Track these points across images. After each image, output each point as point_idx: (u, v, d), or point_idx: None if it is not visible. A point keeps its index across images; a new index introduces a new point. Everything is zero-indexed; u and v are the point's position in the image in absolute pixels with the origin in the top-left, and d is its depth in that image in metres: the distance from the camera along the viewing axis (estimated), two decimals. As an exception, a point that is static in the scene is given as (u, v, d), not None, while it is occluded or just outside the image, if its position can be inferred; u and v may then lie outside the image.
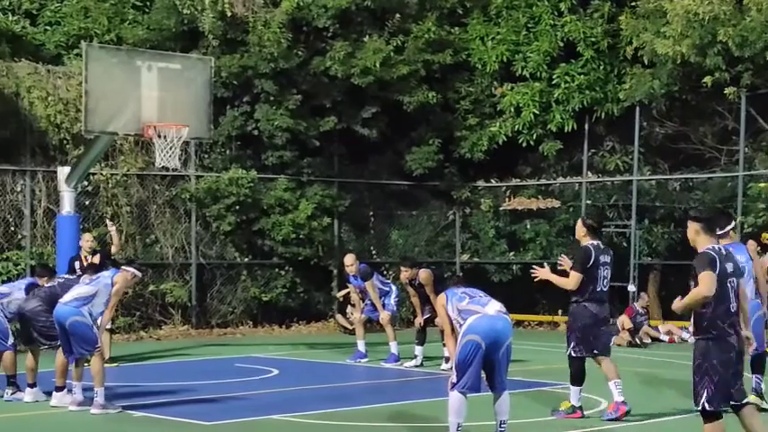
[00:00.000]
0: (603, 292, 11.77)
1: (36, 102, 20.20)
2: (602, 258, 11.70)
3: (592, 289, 11.61)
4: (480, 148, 24.34)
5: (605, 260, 11.73)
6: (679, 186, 23.33)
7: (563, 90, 23.15)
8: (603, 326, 11.96)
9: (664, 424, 11.73)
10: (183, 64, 17.64)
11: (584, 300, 11.67)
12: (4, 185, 20.01)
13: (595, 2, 23.55)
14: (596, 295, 11.69)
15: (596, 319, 11.68)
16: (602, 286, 11.71)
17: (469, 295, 10.13)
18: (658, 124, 23.06)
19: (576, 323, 11.74)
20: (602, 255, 11.71)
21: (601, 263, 11.66)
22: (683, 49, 20.61)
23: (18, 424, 11.67)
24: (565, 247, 24.05)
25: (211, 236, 22.40)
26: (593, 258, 11.61)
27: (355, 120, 23.34)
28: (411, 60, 23.28)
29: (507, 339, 9.82)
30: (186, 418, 11.66)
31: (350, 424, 11.48)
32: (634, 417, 11.75)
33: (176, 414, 11.90)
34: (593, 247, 11.69)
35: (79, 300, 11.99)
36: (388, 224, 25.18)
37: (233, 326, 22.49)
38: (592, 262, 11.60)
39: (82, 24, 22.62)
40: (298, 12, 22.44)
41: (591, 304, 11.65)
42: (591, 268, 11.60)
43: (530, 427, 11.39)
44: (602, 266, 11.67)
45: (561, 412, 11.90)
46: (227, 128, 22.19)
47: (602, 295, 11.77)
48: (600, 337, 11.80)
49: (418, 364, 16.63)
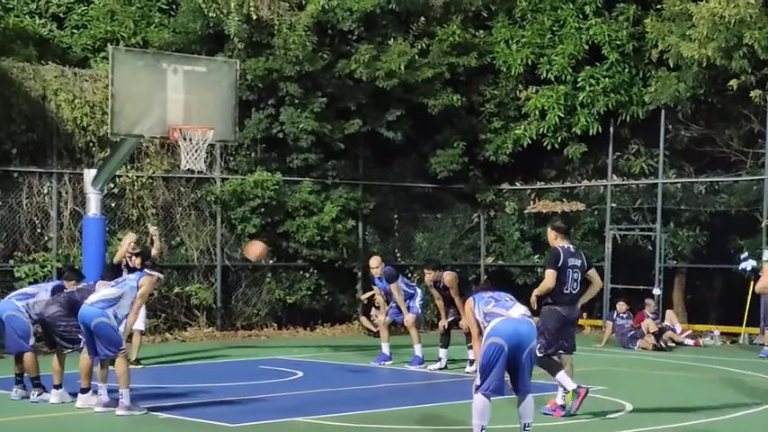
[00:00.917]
0: (573, 294, 12.10)
1: (63, 104, 20.31)
2: (572, 261, 12.05)
3: (561, 291, 11.88)
4: (505, 151, 24.32)
5: (575, 263, 12.08)
6: (704, 189, 23.23)
7: (588, 93, 23.09)
8: (572, 327, 12.44)
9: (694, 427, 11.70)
10: (208, 67, 17.69)
11: (554, 302, 11.99)
12: (30, 187, 20.13)
13: (621, 5, 23.48)
14: (566, 297, 12.01)
15: (566, 320, 12.11)
16: (571, 288, 12.04)
17: (495, 299, 10.17)
18: (684, 127, 22.96)
19: (545, 325, 12.00)
20: (571, 258, 12.07)
21: (570, 265, 12.01)
22: (709, 52, 20.53)
23: (44, 425, 11.74)
24: (590, 250, 24.01)
25: (236, 238, 22.46)
26: (563, 260, 11.97)
27: (380, 122, 23.36)
28: (436, 63, 23.27)
29: (531, 342, 9.82)
30: (211, 419, 11.70)
31: (374, 426, 11.49)
32: (663, 419, 11.71)
33: (201, 416, 11.94)
34: (563, 250, 12.09)
35: (105, 301, 12.06)
36: (412, 227, 25.19)
37: (258, 328, 22.54)
38: (561, 263, 11.93)
39: (108, 27, 22.74)
40: (323, 15, 22.48)
41: (561, 307, 12.00)
42: (560, 270, 11.92)
43: (553, 430, 11.37)
44: (570, 269, 12.02)
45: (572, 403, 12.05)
46: (252, 130, 22.26)
47: (571, 297, 12.09)
48: (569, 337, 12.24)
49: (442, 367, 16.63)
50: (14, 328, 12.96)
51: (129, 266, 16.31)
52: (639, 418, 12.00)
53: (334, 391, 14.32)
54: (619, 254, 23.38)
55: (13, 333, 12.97)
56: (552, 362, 12.13)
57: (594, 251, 23.92)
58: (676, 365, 17.64)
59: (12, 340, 13.01)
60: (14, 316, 12.97)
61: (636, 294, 21.91)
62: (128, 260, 16.64)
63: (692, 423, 11.77)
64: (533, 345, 9.87)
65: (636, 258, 23.27)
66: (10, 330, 12.99)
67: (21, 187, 20.01)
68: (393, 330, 18.45)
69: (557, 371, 12.04)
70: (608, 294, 23.07)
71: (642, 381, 15.66)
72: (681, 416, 12.14)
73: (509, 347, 9.64)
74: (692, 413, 12.33)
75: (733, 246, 22.10)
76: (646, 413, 12.34)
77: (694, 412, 12.38)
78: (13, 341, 13.00)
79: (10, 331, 12.99)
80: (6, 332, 13.05)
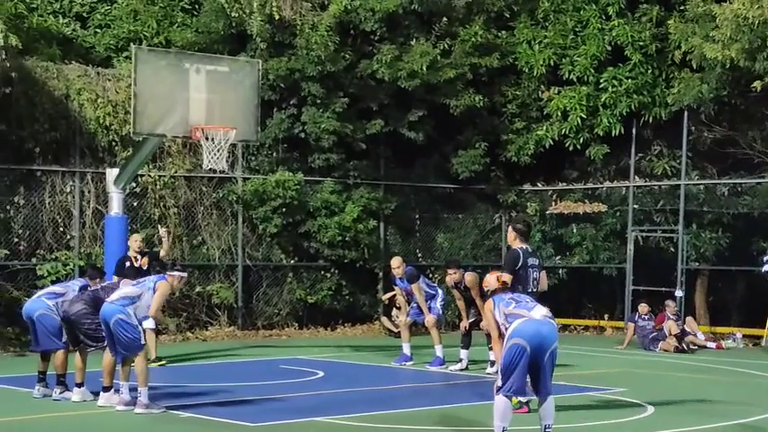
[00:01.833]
0: (535, 292, 12.28)
1: (85, 104, 20.39)
2: (531, 261, 12.38)
3: (522, 290, 11.95)
4: (527, 152, 24.29)
5: (533, 263, 12.41)
6: (727, 191, 23.14)
7: (610, 94, 23.03)
8: None
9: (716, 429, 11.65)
10: (230, 67, 17.72)
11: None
12: (53, 186, 20.22)
13: (644, 6, 23.41)
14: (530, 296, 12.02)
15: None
16: (532, 287, 12.29)
17: (516, 300, 10.18)
18: (706, 128, 22.86)
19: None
20: (530, 258, 12.40)
21: (529, 265, 12.32)
22: (732, 53, 20.44)
23: (65, 423, 11.79)
24: (612, 252, 23.96)
25: (258, 238, 22.50)
26: (522, 260, 12.25)
27: (402, 123, 23.36)
28: (458, 64, 23.25)
29: (553, 344, 9.79)
30: (231, 419, 11.72)
31: (395, 427, 11.48)
32: (685, 422, 11.67)
33: (222, 415, 11.97)
34: (522, 251, 12.36)
35: (125, 299, 12.10)
36: (433, 227, 25.18)
37: (278, 327, 22.57)
38: (521, 264, 12.22)
39: (131, 27, 22.82)
40: (345, 15, 22.50)
41: None
42: (521, 270, 12.21)
43: (573, 431, 11.37)
44: (530, 268, 12.33)
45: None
46: (274, 130, 22.29)
47: (532, 296, 12.00)
48: None
49: (463, 368, 16.62)
50: (46, 326, 13.01)
51: (133, 266, 16.30)
52: (661, 420, 11.96)
53: (355, 392, 14.32)
54: (641, 255, 23.30)
55: (45, 332, 13.02)
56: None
57: (616, 252, 23.88)
58: (698, 368, 17.57)
59: (44, 338, 13.05)
60: (45, 314, 13.02)
61: (658, 296, 21.82)
62: (133, 260, 16.65)
63: (714, 426, 11.72)
64: (555, 346, 9.84)
65: (658, 260, 23.19)
66: (41, 329, 13.03)
67: (44, 186, 20.10)
68: (414, 331, 18.45)
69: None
70: (630, 296, 23.00)
71: (664, 383, 15.60)
72: (703, 418, 12.09)
73: (531, 349, 9.63)
74: (714, 416, 12.27)
75: (756, 248, 22.00)
76: (667, 415, 12.29)
77: (716, 415, 12.32)
78: (45, 339, 13.04)
79: (41, 330, 13.03)
80: (38, 331, 13.09)
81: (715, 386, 15.30)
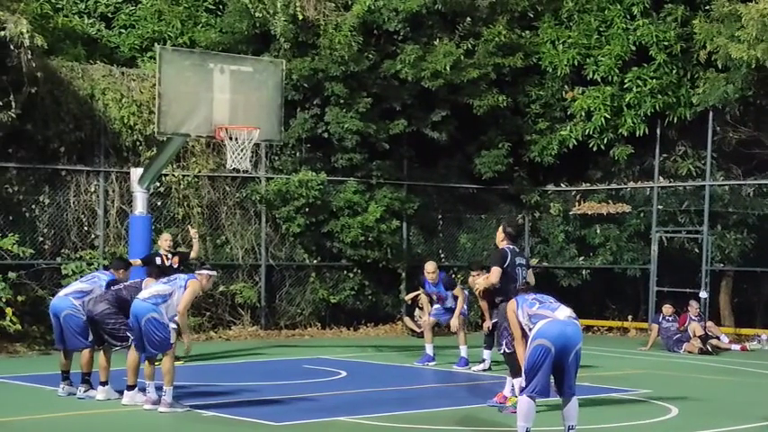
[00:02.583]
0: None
1: (110, 103, 20.48)
2: (518, 260, 12.78)
3: (512, 288, 12.16)
4: (550, 152, 24.23)
5: (521, 262, 12.84)
6: (752, 192, 23.03)
7: (635, 94, 22.95)
8: None
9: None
10: (254, 67, 17.75)
11: (508, 299, 12.15)
12: (78, 186, 20.30)
13: (668, 5, 23.32)
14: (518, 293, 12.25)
15: None
16: (520, 284, 12.34)
17: (539, 301, 10.17)
18: (732, 129, 22.75)
19: (505, 321, 12.17)
20: (517, 257, 12.81)
21: (517, 264, 12.72)
22: (758, 53, 20.32)
23: (89, 422, 11.82)
24: (636, 252, 23.87)
25: (281, 237, 22.54)
26: (510, 259, 12.65)
27: (425, 123, 23.35)
28: (481, 64, 23.22)
29: (577, 345, 9.77)
30: (255, 418, 11.74)
31: (417, 427, 11.48)
32: (710, 424, 11.61)
33: (245, 414, 11.99)
34: (509, 250, 12.78)
35: (157, 297, 12.11)
36: (456, 227, 25.15)
37: (301, 327, 22.59)
38: (508, 262, 12.62)
39: (155, 27, 22.91)
40: (369, 15, 22.50)
41: None
42: (509, 268, 12.59)
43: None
44: (518, 267, 12.73)
45: (509, 407, 12.14)
46: (297, 130, 22.31)
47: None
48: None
49: (486, 368, 16.60)
50: (72, 326, 13.04)
51: (163, 264, 16.40)
52: (686, 422, 11.91)
53: (378, 391, 14.32)
54: (665, 256, 23.21)
55: (71, 331, 13.06)
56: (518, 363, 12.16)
57: (641, 253, 23.79)
58: (722, 369, 17.49)
59: (71, 338, 13.08)
60: (72, 315, 13.05)
61: (682, 297, 21.72)
62: (164, 258, 16.75)
63: (739, 427, 11.67)
64: (579, 347, 9.82)
65: (682, 261, 23.10)
66: (68, 329, 13.07)
67: (68, 185, 20.19)
68: (437, 331, 18.43)
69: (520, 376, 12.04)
70: (654, 297, 22.91)
71: (688, 384, 15.53)
72: (728, 420, 12.04)
73: (556, 349, 9.60)
74: (739, 418, 12.21)
75: (781, 249, 21.90)
76: (692, 417, 12.24)
77: (741, 417, 12.26)
78: (72, 338, 13.08)
79: (68, 330, 13.07)
80: (64, 331, 13.13)
81: (740, 388, 15.23)
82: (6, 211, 19.47)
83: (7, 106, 18.89)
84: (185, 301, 12.17)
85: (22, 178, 19.70)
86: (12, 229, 19.10)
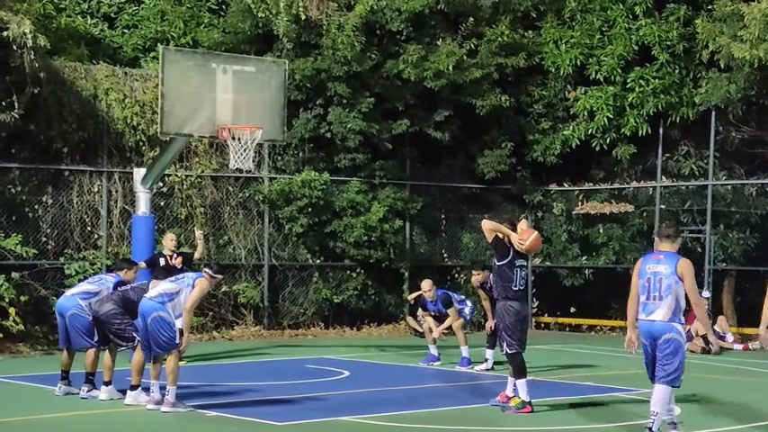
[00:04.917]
0: (521, 290, 12.62)
1: (113, 104, 20.50)
2: (518, 261, 12.62)
3: (510, 287, 12.35)
4: (553, 152, 24.24)
5: (521, 263, 12.68)
6: (755, 191, 23.03)
7: (637, 94, 22.96)
8: (526, 323, 12.98)
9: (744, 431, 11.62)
10: (257, 67, 17.76)
11: (507, 298, 12.50)
12: (81, 186, 20.33)
13: (671, 5, 23.32)
14: (516, 294, 12.54)
15: (520, 315, 12.57)
16: (519, 285, 12.56)
17: None
18: (734, 128, 22.75)
19: (504, 321, 12.49)
20: (518, 258, 12.65)
21: (517, 265, 12.58)
22: (761, 52, 20.33)
23: (92, 422, 11.84)
24: (638, 252, 23.84)
25: (284, 237, 22.56)
26: (511, 257, 12.49)
27: (428, 123, 23.36)
28: (484, 64, 23.23)
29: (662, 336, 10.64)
30: (258, 418, 11.76)
31: (420, 426, 11.49)
32: (713, 423, 11.61)
33: (248, 414, 12.01)
34: (512, 249, 12.64)
35: (164, 296, 12.14)
36: (459, 227, 25.16)
37: (304, 327, 22.61)
38: (509, 260, 12.46)
39: (158, 28, 22.93)
40: (371, 15, 22.51)
41: (514, 302, 12.49)
42: (507, 267, 12.47)
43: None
44: (518, 267, 12.59)
45: (512, 408, 12.27)
46: (300, 130, 22.33)
47: (520, 293, 12.67)
48: (525, 333, 12.70)
49: (489, 368, 16.61)
50: (77, 326, 13.08)
51: (168, 264, 16.45)
52: (689, 421, 11.90)
53: (381, 391, 14.33)
54: (668, 256, 23.15)
55: (77, 331, 13.09)
56: (523, 365, 12.47)
57: (643, 253, 23.68)
58: (726, 369, 17.49)
59: (76, 337, 13.11)
60: (77, 315, 13.09)
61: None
62: (168, 258, 16.79)
63: (741, 427, 11.68)
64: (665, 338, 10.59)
65: (685, 261, 23.04)
66: (73, 328, 13.10)
67: (71, 185, 20.22)
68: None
69: (522, 377, 12.36)
70: (656, 297, 22.86)
71: (691, 384, 15.46)
72: (730, 420, 12.04)
73: None
74: (741, 417, 12.21)
75: (784, 248, 21.90)
76: (695, 416, 12.24)
77: (744, 417, 12.27)
78: (78, 338, 13.11)
79: (73, 330, 13.10)
80: (69, 331, 13.16)
81: (742, 387, 15.23)
82: (9, 211, 19.50)
83: (10, 106, 18.94)
84: (193, 299, 12.21)
85: (26, 178, 19.74)
86: (15, 230, 19.15)
